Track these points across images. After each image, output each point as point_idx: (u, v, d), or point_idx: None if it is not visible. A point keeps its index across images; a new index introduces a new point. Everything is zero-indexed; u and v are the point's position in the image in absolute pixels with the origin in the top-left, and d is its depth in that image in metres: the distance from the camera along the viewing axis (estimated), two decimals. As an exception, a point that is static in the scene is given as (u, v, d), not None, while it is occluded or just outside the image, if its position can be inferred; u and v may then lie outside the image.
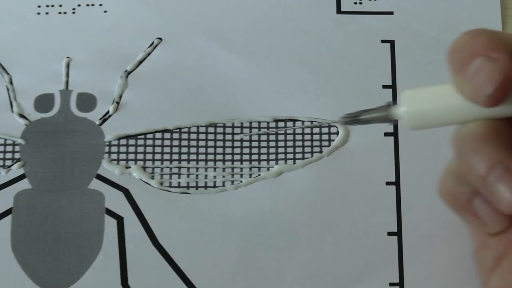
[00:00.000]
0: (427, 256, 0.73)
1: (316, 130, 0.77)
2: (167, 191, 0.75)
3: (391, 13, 0.81)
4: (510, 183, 0.63)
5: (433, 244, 0.73)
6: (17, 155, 0.77)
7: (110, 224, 0.75)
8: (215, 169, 0.76)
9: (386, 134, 0.76)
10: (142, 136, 0.78)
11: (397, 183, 0.75)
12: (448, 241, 0.73)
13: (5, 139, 0.77)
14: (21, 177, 0.76)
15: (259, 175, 0.76)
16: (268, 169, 0.76)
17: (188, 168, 0.76)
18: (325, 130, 0.76)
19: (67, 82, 0.79)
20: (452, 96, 0.65)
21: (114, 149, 0.77)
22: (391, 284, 0.72)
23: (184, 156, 0.77)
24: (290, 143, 0.78)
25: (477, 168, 0.65)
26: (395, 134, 0.77)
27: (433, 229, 0.73)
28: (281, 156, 0.77)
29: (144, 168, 0.76)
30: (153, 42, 0.81)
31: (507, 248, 0.68)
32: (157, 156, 0.77)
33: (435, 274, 0.73)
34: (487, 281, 0.70)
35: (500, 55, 0.62)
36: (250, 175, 0.76)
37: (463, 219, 0.71)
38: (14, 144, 0.77)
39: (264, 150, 0.77)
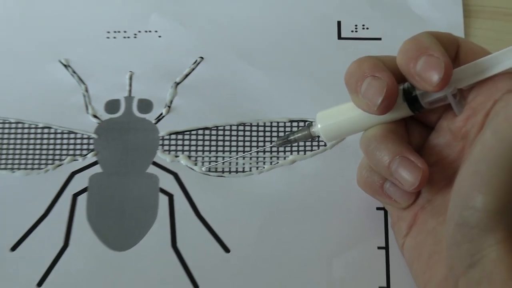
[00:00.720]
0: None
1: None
2: (207, 174, 0.78)
3: (380, 39, 0.83)
4: (408, 169, 0.69)
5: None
6: (91, 146, 0.79)
7: (163, 200, 0.77)
8: (243, 158, 0.80)
9: None
10: (188, 132, 0.80)
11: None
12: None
13: (82, 134, 0.78)
14: (94, 163, 0.78)
15: (278, 162, 0.78)
16: (284, 158, 0.79)
17: (223, 157, 0.79)
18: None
19: (130, 91, 0.81)
20: (353, 111, 0.71)
21: (166, 142, 0.80)
22: (379, 248, 0.75)
23: (220, 148, 0.79)
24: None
25: (382, 161, 0.70)
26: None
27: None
28: (295, 148, 0.80)
29: (189, 157, 0.78)
30: (196, 60, 0.83)
31: (415, 217, 0.73)
32: (199, 148, 0.79)
33: None
34: (403, 244, 0.74)
35: (382, 74, 0.68)
36: (271, 162, 0.79)
37: (379, 200, 0.75)
38: (89, 138, 0.79)
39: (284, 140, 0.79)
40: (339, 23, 0.85)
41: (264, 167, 0.79)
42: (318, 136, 0.73)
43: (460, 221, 0.64)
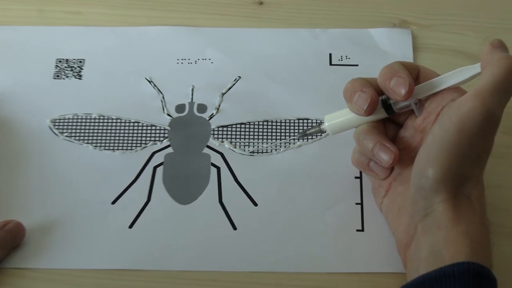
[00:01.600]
0: None
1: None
2: (243, 154, 0.79)
3: (357, 65, 0.85)
4: (385, 152, 0.71)
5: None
6: (166, 135, 0.80)
7: (213, 171, 0.78)
8: (266, 143, 0.80)
9: None
10: (230, 126, 0.81)
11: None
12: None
13: (160, 127, 0.80)
14: (168, 146, 0.79)
15: (289, 146, 0.80)
16: (294, 143, 0.80)
17: (253, 143, 0.81)
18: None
19: (192, 98, 0.82)
20: (349, 114, 0.73)
21: (215, 132, 0.81)
22: (356, 203, 0.76)
23: (251, 136, 0.81)
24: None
25: (367, 147, 0.72)
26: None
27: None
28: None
29: (231, 142, 0.79)
30: (236, 78, 0.84)
31: (390, 185, 0.74)
32: (238, 136, 0.80)
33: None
34: (382, 203, 0.75)
35: (367, 89, 0.70)
36: (285, 146, 0.80)
37: (366, 174, 0.76)
38: (164, 129, 0.80)
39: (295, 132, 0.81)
40: (330, 54, 0.86)
41: (280, 150, 0.80)
42: (325, 131, 0.75)
43: (418, 186, 0.66)
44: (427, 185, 0.65)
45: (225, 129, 0.82)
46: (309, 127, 0.79)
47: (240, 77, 0.85)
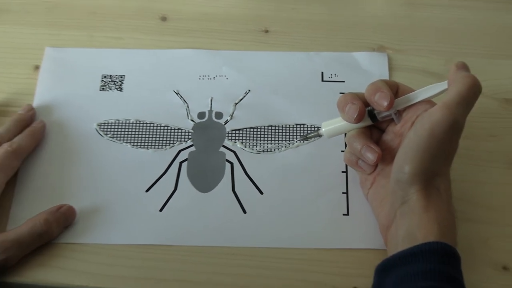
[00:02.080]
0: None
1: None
2: (252, 152, 0.79)
3: (344, 81, 0.84)
4: (370, 152, 0.71)
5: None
6: (190, 136, 0.80)
7: (227, 166, 0.78)
8: (271, 143, 0.79)
9: None
10: (242, 130, 0.81)
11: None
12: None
13: (185, 130, 0.80)
14: (191, 145, 0.79)
15: (289, 146, 0.79)
16: (292, 144, 0.79)
17: (260, 143, 0.80)
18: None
19: (211, 107, 0.82)
20: (342, 121, 0.72)
21: (229, 134, 0.80)
22: (343, 193, 0.76)
23: (259, 138, 0.80)
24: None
25: (356, 148, 0.72)
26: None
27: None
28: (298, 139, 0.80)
29: (242, 143, 0.79)
30: (246, 91, 0.84)
31: (374, 179, 0.73)
32: (248, 138, 0.80)
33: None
34: (368, 193, 0.74)
35: (357, 102, 0.70)
36: (285, 147, 0.79)
37: (356, 170, 0.76)
38: (188, 132, 0.80)
39: (294, 135, 0.80)
40: (322, 73, 0.85)
41: (282, 149, 0.80)
42: (320, 136, 0.76)
43: (397, 179, 0.67)
44: (404, 179, 0.66)
45: (237, 132, 0.81)
46: (309, 132, 0.80)
47: (249, 90, 0.85)
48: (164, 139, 0.81)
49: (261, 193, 0.77)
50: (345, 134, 0.75)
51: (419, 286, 0.60)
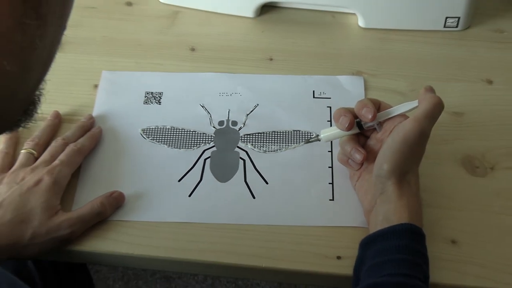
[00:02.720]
0: (345, 173, 0.75)
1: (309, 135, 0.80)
2: (260, 152, 0.78)
3: (330, 98, 0.83)
4: (358, 153, 0.70)
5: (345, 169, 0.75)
6: (212, 139, 0.79)
7: (241, 162, 0.77)
8: (274, 145, 0.79)
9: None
10: (252, 134, 0.80)
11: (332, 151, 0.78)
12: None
13: (209, 134, 0.79)
14: (213, 146, 0.78)
15: (289, 148, 0.78)
16: (291, 146, 0.78)
17: (266, 145, 0.79)
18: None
19: (228, 116, 0.81)
20: (336, 129, 0.72)
21: (242, 138, 0.79)
22: (329, 183, 0.75)
23: (265, 141, 0.79)
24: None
25: (347, 150, 0.71)
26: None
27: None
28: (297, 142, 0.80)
29: (252, 144, 0.78)
30: (256, 105, 0.83)
31: (360, 174, 0.72)
32: (257, 140, 0.79)
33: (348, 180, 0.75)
34: (355, 185, 0.73)
35: (348, 114, 0.70)
36: (286, 148, 0.78)
37: (346, 167, 0.74)
38: (211, 136, 0.79)
39: (292, 140, 0.80)
40: (313, 91, 0.85)
41: (283, 150, 0.79)
42: (319, 140, 0.75)
43: (377, 175, 0.68)
44: (383, 174, 0.67)
45: (248, 136, 0.81)
46: (310, 137, 0.78)
47: (258, 104, 0.84)
48: (192, 141, 0.80)
49: (266, 183, 0.76)
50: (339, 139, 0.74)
51: (393, 258, 0.62)
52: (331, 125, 0.80)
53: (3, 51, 0.33)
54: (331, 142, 0.79)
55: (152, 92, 0.86)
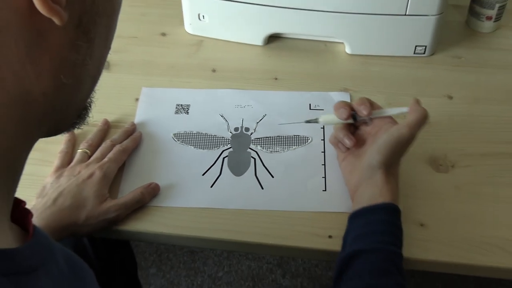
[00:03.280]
0: (335, 169, 0.74)
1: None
2: (268, 152, 0.76)
3: (323, 109, 0.82)
4: (348, 139, 0.69)
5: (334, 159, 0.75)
6: (229, 142, 0.78)
7: (252, 160, 0.76)
8: (279, 147, 0.78)
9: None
10: (261, 138, 0.79)
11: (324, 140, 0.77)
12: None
13: (226, 138, 0.78)
14: (230, 148, 0.77)
15: (290, 149, 0.77)
16: (292, 148, 0.78)
17: (272, 147, 0.78)
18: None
19: (242, 124, 0.80)
20: (334, 117, 0.70)
21: (253, 141, 0.78)
22: (322, 177, 0.74)
23: (271, 143, 0.78)
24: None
25: (340, 135, 0.70)
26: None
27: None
28: (295, 144, 0.78)
29: (261, 146, 0.77)
30: (264, 115, 0.82)
31: (347, 156, 0.71)
32: (264, 143, 0.78)
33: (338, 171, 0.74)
34: (340, 165, 0.73)
35: (347, 107, 0.69)
36: (287, 149, 0.77)
37: (335, 148, 0.73)
38: (228, 139, 0.78)
39: (293, 142, 0.79)
40: (310, 104, 0.84)
41: (285, 151, 0.78)
42: (318, 123, 0.74)
43: (369, 163, 0.67)
44: (374, 164, 0.66)
45: (258, 140, 0.80)
46: (311, 119, 0.75)
47: (266, 114, 0.83)
48: (213, 143, 0.80)
49: (272, 177, 0.75)
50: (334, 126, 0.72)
51: (378, 229, 0.61)
52: (323, 132, 0.79)
53: (60, 67, 0.34)
54: (324, 145, 0.78)
55: (181, 104, 0.85)
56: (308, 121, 0.75)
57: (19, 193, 0.38)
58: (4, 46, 0.30)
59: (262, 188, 0.74)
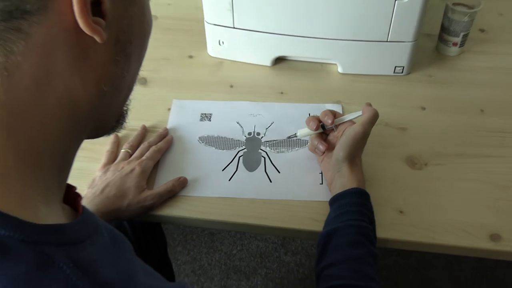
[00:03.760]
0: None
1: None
2: (275, 152, 0.76)
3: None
4: (322, 145, 0.69)
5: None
6: (244, 144, 0.78)
7: (262, 158, 0.76)
8: (284, 148, 0.77)
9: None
10: (270, 141, 0.78)
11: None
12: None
13: (241, 141, 0.77)
14: (244, 148, 0.77)
15: (293, 150, 0.76)
16: (295, 149, 0.77)
17: (278, 148, 0.77)
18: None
19: (254, 129, 0.80)
20: (307, 130, 0.70)
21: (263, 143, 0.78)
22: (319, 173, 0.72)
23: (278, 145, 0.77)
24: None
25: (314, 142, 0.70)
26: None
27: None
28: (293, 147, 0.78)
29: (269, 147, 0.76)
30: (272, 122, 0.81)
31: (323, 158, 0.70)
32: (272, 145, 0.78)
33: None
34: (320, 165, 0.72)
35: (315, 120, 0.69)
36: (291, 150, 0.76)
37: (314, 153, 0.72)
38: (243, 142, 0.78)
39: (295, 145, 0.78)
40: (309, 114, 0.83)
41: (289, 151, 0.78)
42: (296, 137, 0.74)
43: (336, 159, 0.66)
44: (340, 159, 0.66)
45: (267, 142, 0.80)
46: (291, 135, 0.75)
47: (273, 122, 0.83)
48: (231, 145, 0.79)
49: (279, 172, 0.74)
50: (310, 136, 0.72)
51: (349, 209, 0.61)
52: None
53: (102, 78, 0.35)
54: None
55: (205, 113, 0.85)
56: (289, 137, 0.75)
57: (74, 184, 0.39)
58: (55, 59, 0.31)
59: (271, 182, 0.73)
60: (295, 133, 0.73)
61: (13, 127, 0.30)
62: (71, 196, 0.38)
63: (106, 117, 0.39)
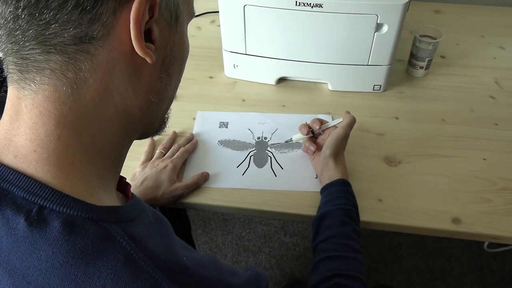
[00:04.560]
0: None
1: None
2: (280, 152, 0.75)
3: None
4: (312, 146, 0.68)
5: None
6: (254, 146, 0.77)
7: (269, 158, 0.75)
8: (286, 149, 0.76)
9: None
10: (275, 143, 0.77)
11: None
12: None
13: (252, 143, 0.76)
14: (254, 149, 0.76)
15: (294, 151, 0.75)
16: (296, 150, 0.76)
17: (282, 149, 0.76)
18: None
19: (262, 134, 0.79)
20: (300, 134, 0.70)
21: (270, 145, 0.77)
22: (315, 177, 0.71)
23: (282, 147, 0.76)
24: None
25: (306, 145, 0.70)
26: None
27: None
28: (293, 150, 0.77)
29: (274, 149, 0.75)
30: (276, 129, 0.81)
31: (314, 156, 0.70)
32: (277, 147, 0.77)
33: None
34: (312, 162, 0.71)
35: (306, 127, 0.68)
36: (292, 151, 0.75)
37: (307, 153, 0.71)
38: (253, 145, 0.77)
39: (295, 147, 0.78)
40: (306, 122, 0.80)
41: (291, 152, 0.77)
42: (292, 141, 0.73)
43: (324, 156, 0.66)
44: (327, 156, 0.65)
45: (273, 145, 0.79)
46: (287, 140, 0.74)
47: (277, 129, 0.83)
48: (244, 147, 0.79)
49: (282, 168, 0.74)
50: (303, 139, 0.71)
51: (334, 196, 0.60)
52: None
53: (150, 91, 0.35)
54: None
55: (223, 122, 0.85)
56: (286, 141, 0.75)
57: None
58: (114, 75, 0.31)
59: (276, 176, 0.72)
60: (291, 138, 0.72)
61: (80, 129, 0.31)
62: (122, 185, 0.39)
63: (152, 122, 0.39)
